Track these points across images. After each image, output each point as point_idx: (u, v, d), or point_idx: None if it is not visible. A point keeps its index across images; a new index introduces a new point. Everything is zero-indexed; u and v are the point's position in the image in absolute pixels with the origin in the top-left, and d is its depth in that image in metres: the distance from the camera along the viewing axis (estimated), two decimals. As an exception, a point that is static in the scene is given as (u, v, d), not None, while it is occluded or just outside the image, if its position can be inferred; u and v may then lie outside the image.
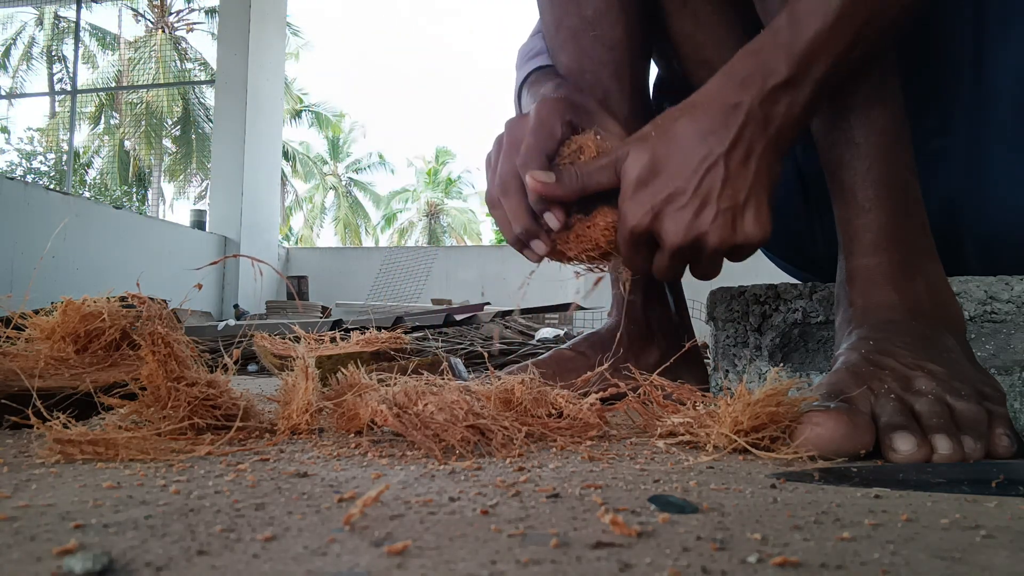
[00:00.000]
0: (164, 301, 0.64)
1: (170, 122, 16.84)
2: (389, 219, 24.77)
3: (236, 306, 5.62)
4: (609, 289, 0.92)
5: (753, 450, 0.48)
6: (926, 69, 0.78)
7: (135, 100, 16.44)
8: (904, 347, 0.54)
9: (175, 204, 19.27)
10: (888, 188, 0.60)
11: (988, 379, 0.54)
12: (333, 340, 0.87)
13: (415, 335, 1.65)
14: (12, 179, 4.48)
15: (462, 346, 1.54)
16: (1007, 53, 0.76)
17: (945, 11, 0.77)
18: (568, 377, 0.81)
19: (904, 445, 0.46)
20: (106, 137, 17.61)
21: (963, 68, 0.78)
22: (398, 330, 0.93)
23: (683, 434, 0.54)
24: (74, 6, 8.30)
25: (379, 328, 0.94)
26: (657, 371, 0.86)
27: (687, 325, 0.93)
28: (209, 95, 15.16)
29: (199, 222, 6.17)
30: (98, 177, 18.13)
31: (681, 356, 0.87)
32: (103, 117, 17.47)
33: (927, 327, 0.57)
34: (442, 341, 1.61)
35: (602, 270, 0.67)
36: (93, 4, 12.91)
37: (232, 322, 2.40)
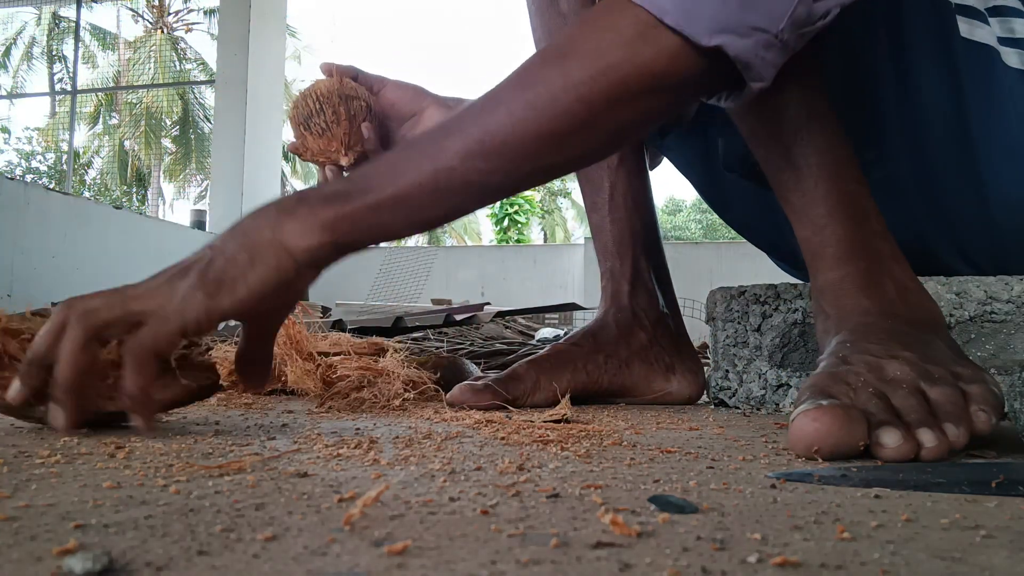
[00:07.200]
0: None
1: (169, 122, 16.83)
2: (389, 219, 24.72)
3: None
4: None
5: (752, 451, 0.48)
6: (849, 99, 0.76)
7: (134, 100, 16.43)
8: (878, 342, 0.54)
9: (175, 204, 19.28)
10: (838, 202, 0.61)
11: (964, 360, 0.54)
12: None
13: (415, 335, 1.65)
14: (12, 179, 4.48)
15: (462, 346, 1.54)
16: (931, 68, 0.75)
17: (863, 45, 0.77)
18: (566, 370, 0.86)
19: (890, 439, 0.46)
20: (105, 137, 17.59)
21: (888, 87, 0.78)
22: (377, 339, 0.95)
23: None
24: (74, 6, 8.30)
25: (362, 334, 0.97)
26: (646, 359, 0.89)
27: (676, 318, 0.95)
28: (209, 95, 15.15)
29: (199, 222, 6.17)
30: (98, 177, 18.14)
31: (675, 349, 0.90)
32: (102, 117, 17.46)
33: (903, 324, 0.57)
34: (442, 341, 1.61)
35: None
36: (93, 4, 12.91)
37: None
